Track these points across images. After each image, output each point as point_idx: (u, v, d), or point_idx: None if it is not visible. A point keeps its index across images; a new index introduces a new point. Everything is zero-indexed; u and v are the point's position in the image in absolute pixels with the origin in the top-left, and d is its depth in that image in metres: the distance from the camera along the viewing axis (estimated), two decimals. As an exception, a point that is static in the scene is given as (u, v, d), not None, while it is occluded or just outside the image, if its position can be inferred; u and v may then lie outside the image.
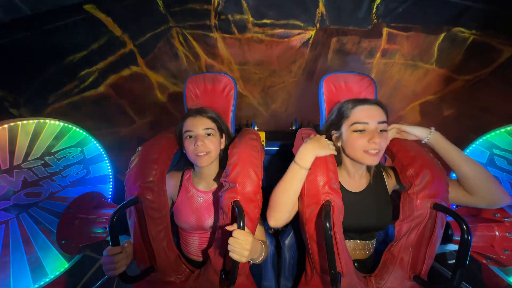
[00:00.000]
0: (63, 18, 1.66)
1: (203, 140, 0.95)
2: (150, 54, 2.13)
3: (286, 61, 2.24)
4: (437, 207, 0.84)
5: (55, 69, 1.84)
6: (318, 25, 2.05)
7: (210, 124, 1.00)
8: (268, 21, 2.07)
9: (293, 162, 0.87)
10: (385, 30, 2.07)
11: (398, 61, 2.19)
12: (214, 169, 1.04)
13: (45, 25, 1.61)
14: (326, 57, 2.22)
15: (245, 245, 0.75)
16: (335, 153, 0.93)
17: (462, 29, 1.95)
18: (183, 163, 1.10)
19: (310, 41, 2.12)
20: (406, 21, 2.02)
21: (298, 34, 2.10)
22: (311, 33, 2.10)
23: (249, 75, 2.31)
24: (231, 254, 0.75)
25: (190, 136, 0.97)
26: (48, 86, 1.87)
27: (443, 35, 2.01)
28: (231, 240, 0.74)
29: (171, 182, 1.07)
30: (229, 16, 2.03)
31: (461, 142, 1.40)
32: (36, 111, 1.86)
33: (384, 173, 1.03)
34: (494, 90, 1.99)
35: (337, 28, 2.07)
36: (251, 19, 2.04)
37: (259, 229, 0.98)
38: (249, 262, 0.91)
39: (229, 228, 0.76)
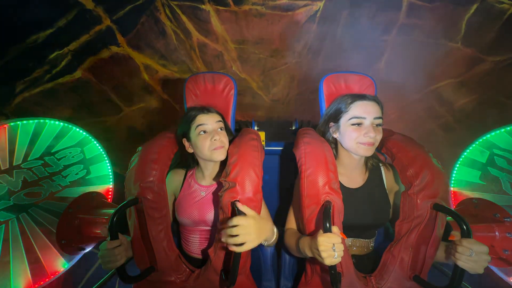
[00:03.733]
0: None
1: (219, 135, 0.98)
2: (132, 31, 1.81)
3: (290, 39, 1.94)
4: (437, 207, 0.84)
5: (16, 52, 1.59)
6: (328, -5, 1.71)
7: (220, 118, 1.03)
8: (269, -11, 1.76)
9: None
10: (405, 1, 1.77)
11: (416, 39, 1.88)
12: (215, 167, 1.05)
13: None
14: (335, 34, 1.90)
15: (248, 229, 0.74)
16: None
17: None
18: (189, 162, 1.10)
19: (318, 15, 1.81)
20: (432, -12, 1.68)
21: (304, 6, 1.80)
22: (319, 4, 1.79)
23: (248, 55, 2.01)
24: (244, 246, 0.73)
25: (204, 131, 0.98)
26: (12, 72, 1.62)
27: (474, 6, 1.70)
28: (233, 231, 0.73)
29: (175, 178, 1.09)
30: (223, -17, 1.72)
31: (480, 132, 1.33)
32: (3, 102, 1.65)
33: (383, 168, 1.04)
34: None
35: (349, -2, 1.74)
36: (249, -13, 1.74)
37: (264, 212, 0.99)
38: (264, 243, 0.91)
39: (228, 224, 0.75)
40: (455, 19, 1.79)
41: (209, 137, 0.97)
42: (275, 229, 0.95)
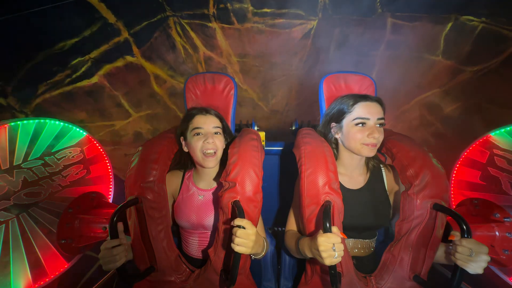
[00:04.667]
0: (51, 0, 1.57)
1: (213, 138, 0.97)
2: (146, 44, 2.04)
3: (287, 53, 2.17)
4: (437, 207, 0.84)
5: (44, 57, 1.77)
6: (320, 15, 1.98)
7: (218, 123, 1.02)
8: (268, 10, 1.99)
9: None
10: (389, 21, 2.00)
11: (402, 53, 2.10)
12: (214, 168, 1.05)
13: (30, 7, 1.53)
14: (328, 49, 2.13)
15: (251, 236, 0.75)
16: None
17: (471, 17, 1.88)
18: (186, 162, 1.10)
19: (312, 32, 2.05)
20: (412, 10, 1.93)
21: (300, 24, 2.03)
22: (313, 23, 2.03)
23: (249, 68, 2.23)
24: (237, 248, 0.74)
25: (199, 134, 0.98)
26: (37, 74, 1.80)
27: (450, 24, 1.94)
28: (237, 231, 0.74)
29: (173, 180, 1.08)
30: (228, 4, 1.96)
31: (467, 136, 1.39)
32: (25, 101, 1.79)
33: (384, 170, 1.04)
34: (505, 81, 1.92)
35: (340, 18, 1.99)
36: (251, 8, 1.97)
37: (259, 226, 0.99)
38: (251, 257, 0.92)
39: (234, 222, 0.76)
40: (434, 36, 2.02)
41: (203, 139, 0.97)
42: (266, 244, 0.95)
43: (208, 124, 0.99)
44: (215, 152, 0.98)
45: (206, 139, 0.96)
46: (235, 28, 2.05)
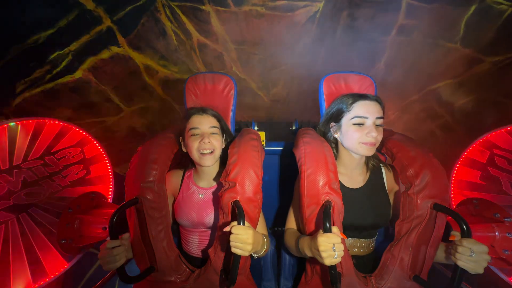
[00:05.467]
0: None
1: (209, 138, 0.97)
2: (133, 32, 1.83)
3: (289, 39, 1.97)
4: (437, 207, 0.84)
5: (18, 52, 1.61)
6: (327, -5, 1.75)
7: (215, 122, 1.02)
8: (269, -10, 1.79)
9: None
10: (404, 2, 1.79)
11: (415, 39, 1.90)
12: (214, 167, 1.05)
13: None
14: (334, 34, 1.93)
15: (246, 240, 0.75)
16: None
17: (500, 0, 1.67)
18: (187, 162, 1.10)
19: (318, 16, 1.84)
20: (430, -11, 1.72)
21: (304, 7, 1.82)
22: (319, 5, 1.81)
23: (248, 55, 2.04)
24: (234, 250, 0.75)
25: (196, 134, 0.98)
26: (13, 72, 1.65)
27: (473, 7, 1.72)
28: (232, 238, 0.74)
29: (173, 179, 1.08)
30: (223, -16, 1.76)
31: (479, 132, 1.34)
32: (3, 102, 1.67)
33: (384, 169, 1.04)
34: (529, 75, 1.72)
35: (348, -1, 1.78)
36: (249, -12, 1.77)
37: (261, 223, 0.99)
38: (253, 256, 0.91)
39: (226, 228, 0.76)
40: (454, 20, 1.81)
41: (199, 139, 0.97)
42: (267, 242, 0.94)
43: (204, 124, 0.99)
44: (212, 152, 0.98)
45: (203, 139, 0.96)
46: (232, 12, 1.83)
